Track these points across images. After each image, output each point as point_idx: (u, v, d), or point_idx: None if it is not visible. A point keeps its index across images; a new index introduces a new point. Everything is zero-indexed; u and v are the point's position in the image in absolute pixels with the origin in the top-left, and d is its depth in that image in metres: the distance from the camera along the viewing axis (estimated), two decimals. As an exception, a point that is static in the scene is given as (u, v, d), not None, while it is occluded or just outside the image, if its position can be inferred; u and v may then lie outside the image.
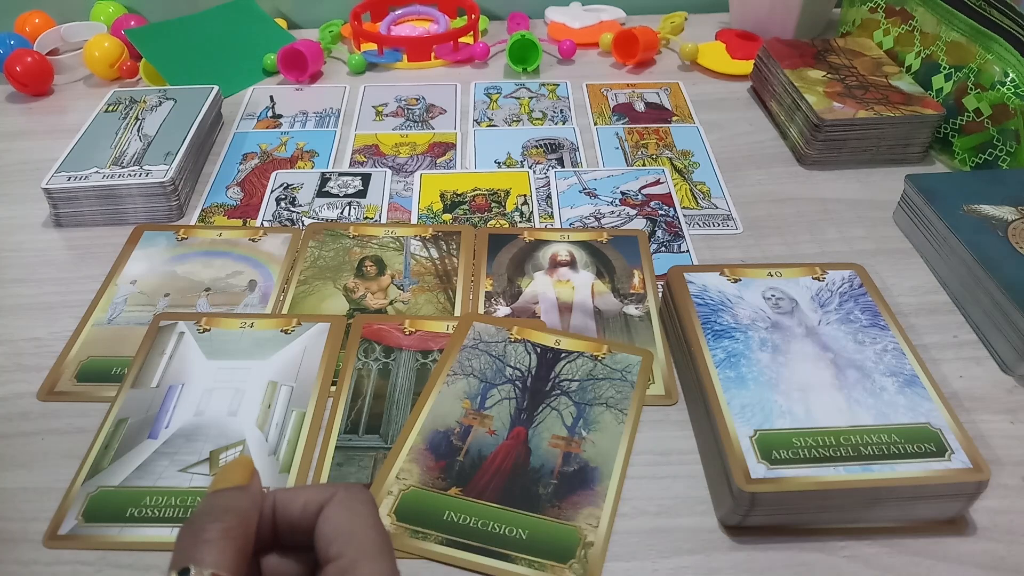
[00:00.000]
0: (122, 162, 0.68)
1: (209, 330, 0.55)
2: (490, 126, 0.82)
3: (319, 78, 0.92)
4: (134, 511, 0.44)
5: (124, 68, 0.89)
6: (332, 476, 0.46)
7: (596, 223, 0.67)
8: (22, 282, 0.62)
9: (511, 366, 0.52)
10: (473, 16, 0.96)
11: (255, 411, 0.50)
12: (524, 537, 0.43)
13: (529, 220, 0.68)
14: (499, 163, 0.76)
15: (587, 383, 0.51)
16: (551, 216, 0.68)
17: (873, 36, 0.85)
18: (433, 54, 0.94)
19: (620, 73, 0.92)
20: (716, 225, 0.67)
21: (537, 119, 0.83)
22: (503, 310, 0.58)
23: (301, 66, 0.89)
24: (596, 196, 0.70)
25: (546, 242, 0.64)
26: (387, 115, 0.84)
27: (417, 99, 0.87)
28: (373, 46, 0.95)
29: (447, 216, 0.68)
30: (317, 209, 0.69)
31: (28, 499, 0.46)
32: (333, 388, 0.52)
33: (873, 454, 0.42)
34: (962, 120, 0.72)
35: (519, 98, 0.87)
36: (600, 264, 0.61)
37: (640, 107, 0.85)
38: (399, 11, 0.99)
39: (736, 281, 0.54)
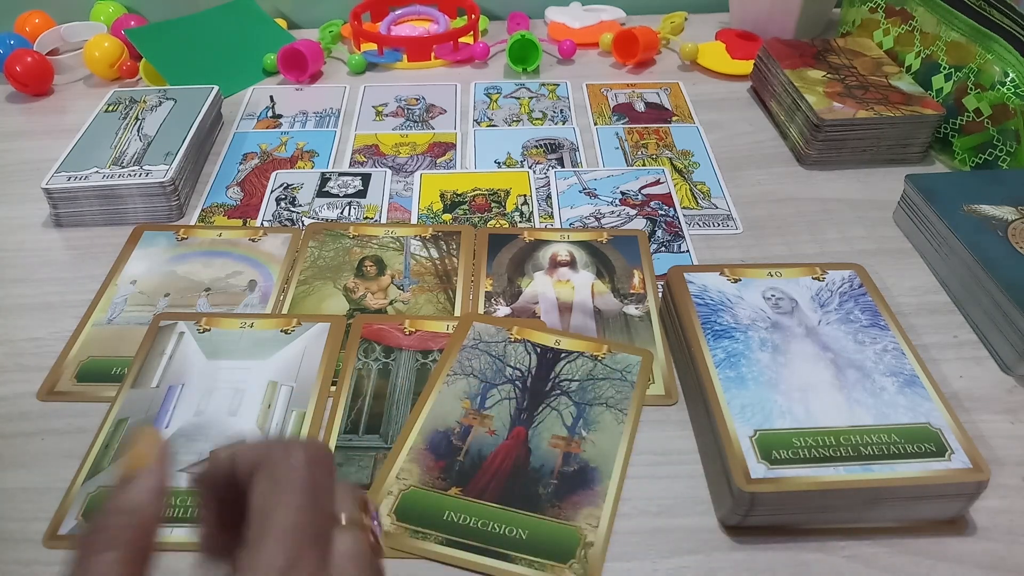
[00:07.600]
0: (122, 162, 0.68)
1: (209, 330, 0.55)
2: (490, 126, 0.82)
3: (319, 78, 0.92)
4: (134, 511, 0.44)
5: (124, 68, 0.89)
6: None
7: (596, 223, 0.67)
8: (22, 282, 0.62)
9: (511, 366, 0.52)
10: (473, 16, 0.96)
11: (255, 411, 0.50)
12: (524, 537, 0.43)
13: (529, 220, 0.68)
14: (499, 163, 0.76)
15: (587, 383, 0.51)
16: (551, 216, 0.68)
17: (873, 36, 0.85)
18: (433, 54, 0.94)
19: (620, 73, 0.92)
20: (716, 225, 0.67)
21: (537, 119, 0.83)
22: (503, 310, 0.58)
23: (301, 66, 0.89)
24: (596, 196, 0.70)
25: (546, 242, 0.63)
26: (387, 115, 0.84)
27: (417, 99, 0.87)
28: (373, 46, 0.95)
29: (447, 216, 0.68)
30: (317, 209, 0.69)
31: (28, 499, 0.46)
32: (333, 388, 0.52)
33: (873, 454, 0.42)
34: (962, 120, 0.72)
35: (519, 98, 0.87)
36: (600, 264, 0.61)
37: (640, 107, 0.85)
38: (399, 11, 0.99)
39: (736, 281, 0.54)
